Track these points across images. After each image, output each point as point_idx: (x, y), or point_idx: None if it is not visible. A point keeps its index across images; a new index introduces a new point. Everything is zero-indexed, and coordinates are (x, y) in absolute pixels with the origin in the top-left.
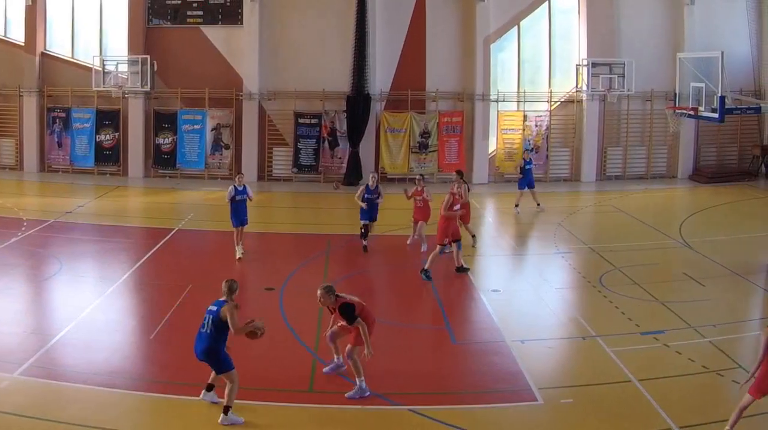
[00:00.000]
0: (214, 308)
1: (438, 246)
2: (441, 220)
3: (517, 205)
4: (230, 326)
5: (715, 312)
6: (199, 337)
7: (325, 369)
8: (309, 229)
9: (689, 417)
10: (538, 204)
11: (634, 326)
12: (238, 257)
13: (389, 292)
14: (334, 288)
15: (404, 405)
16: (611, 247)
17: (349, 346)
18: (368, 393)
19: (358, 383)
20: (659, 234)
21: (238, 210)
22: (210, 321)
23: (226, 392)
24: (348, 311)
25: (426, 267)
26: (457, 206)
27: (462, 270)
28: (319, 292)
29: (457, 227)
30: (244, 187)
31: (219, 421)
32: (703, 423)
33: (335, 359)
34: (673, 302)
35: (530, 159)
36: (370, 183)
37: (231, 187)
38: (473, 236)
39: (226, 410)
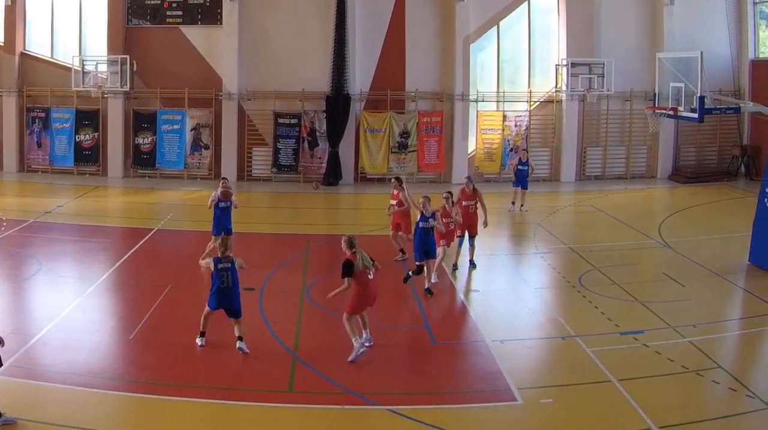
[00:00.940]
0: (229, 265)
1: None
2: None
3: (513, 203)
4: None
5: (695, 312)
6: (225, 292)
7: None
8: (288, 229)
9: (668, 417)
10: (522, 205)
11: (614, 326)
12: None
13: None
14: (355, 242)
15: (384, 405)
16: (591, 247)
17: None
18: (364, 348)
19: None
20: (638, 234)
21: (222, 218)
22: (230, 276)
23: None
24: (343, 266)
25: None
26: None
27: (457, 267)
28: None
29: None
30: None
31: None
32: (682, 423)
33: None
34: (653, 302)
35: (527, 160)
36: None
37: (214, 193)
38: (401, 251)
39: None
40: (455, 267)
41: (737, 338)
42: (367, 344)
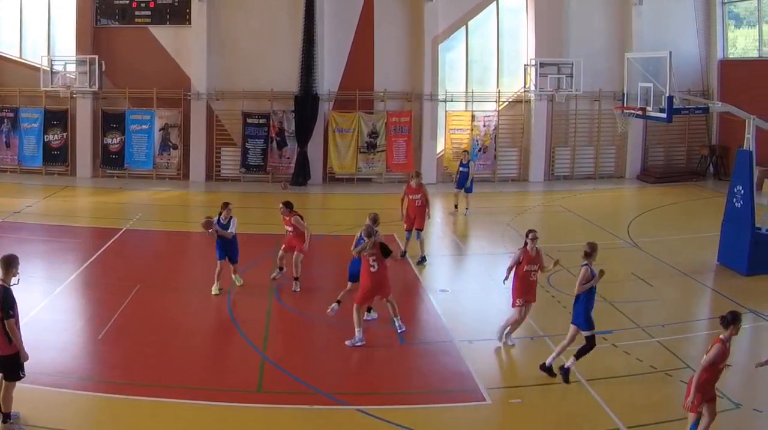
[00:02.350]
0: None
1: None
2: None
3: (456, 206)
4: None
5: (664, 312)
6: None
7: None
8: (257, 229)
9: (637, 417)
10: (467, 208)
11: None
12: (213, 292)
13: (336, 292)
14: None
15: (352, 405)
16: (559, 247)
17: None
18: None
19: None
20: (607, 234)
21: (222, 244)
22: None
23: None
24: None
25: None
26: (415, 195)
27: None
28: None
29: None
30: (229, 220)
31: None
32: (651, 423)
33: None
34: (621, 302)
35: (467, 162)
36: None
37: (214, 219)
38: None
39: None
40: (403, 255)
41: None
42: (400, 331)
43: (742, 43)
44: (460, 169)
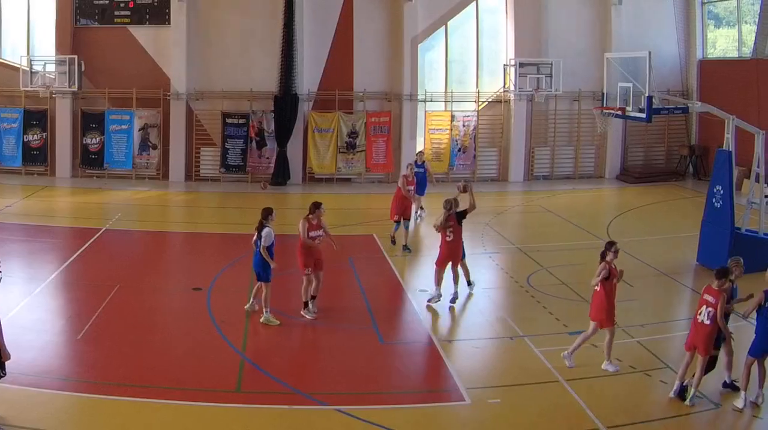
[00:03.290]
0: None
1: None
2: (395, 196)
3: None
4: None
5: (643, 312)
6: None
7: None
8: (236, 229)
9: (617, 417)
10: (421, 208)
11: (562, 326)
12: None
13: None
14: (451, 205)
15: (331, 405)
16: (539, 247)
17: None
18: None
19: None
20: (587, 234)
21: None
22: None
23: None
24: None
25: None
26: (411, 187)
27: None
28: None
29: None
30: (261, 230)
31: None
32: (630, 423)
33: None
34: None
35: (422, 163)
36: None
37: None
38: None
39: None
40: (394, 242)
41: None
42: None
43: (721, 44)
44: (415, 170)
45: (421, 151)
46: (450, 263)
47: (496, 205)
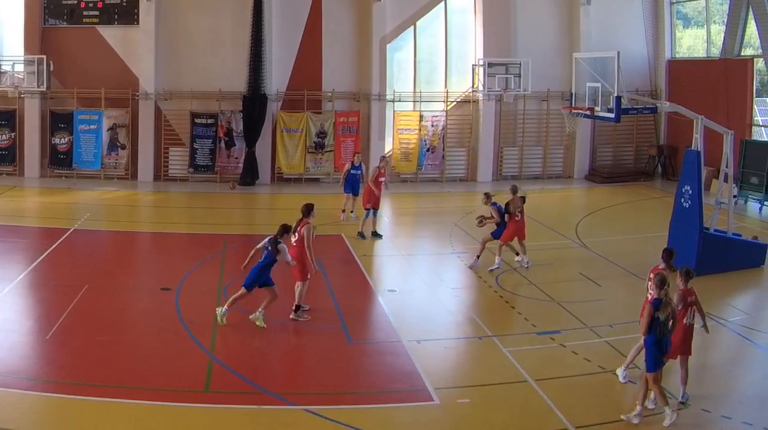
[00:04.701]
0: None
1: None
2: (366, 188)
3: (344, 211)
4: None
5: (611, 312)
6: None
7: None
8: (205, 229)
9: (585, 417)
10: (352, 211)
11: (531, 326)
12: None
13: (284, 291)
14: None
15: (300, 405)
16: (507, 247)
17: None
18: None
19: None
20: (555, 234)
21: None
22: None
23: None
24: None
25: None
26: (383, 178)
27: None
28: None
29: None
30: (270, 242)
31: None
32: (599, 423)
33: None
34: (570, 302)
35: (359, 164)
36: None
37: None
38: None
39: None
40: (363, 236)
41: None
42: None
43: (689, 43)
44: (352, 171)
45: (357, 153)
46: (516, 238)
47: (464, 205)
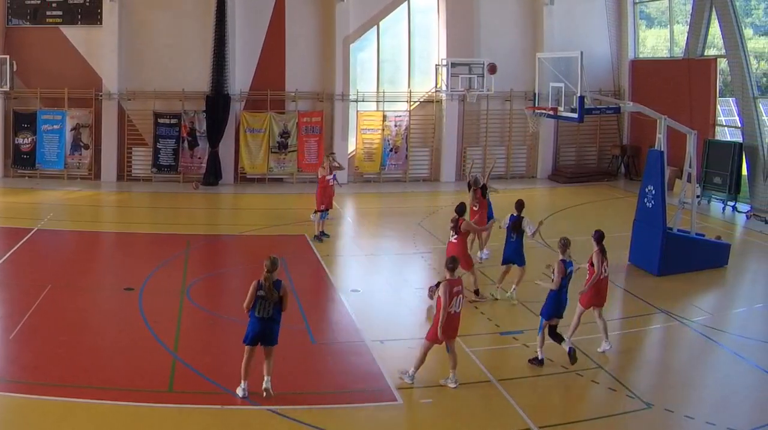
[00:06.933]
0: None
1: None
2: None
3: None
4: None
5: (575, 312)
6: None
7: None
8: (168, 229)
9: (548, 417)
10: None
11: (494, 326)
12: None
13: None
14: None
15: (264, 405)
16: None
17: None
18: None
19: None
20: None
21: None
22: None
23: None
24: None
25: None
26: (330, 176)
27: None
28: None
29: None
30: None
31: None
32: (562, 423)
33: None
34: (533, 302)
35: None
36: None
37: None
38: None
39: None
40: (326, 236)
41: (617, 338)
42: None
43: (652, 43)
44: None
45: (333, 154)
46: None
47: (427, 204)
